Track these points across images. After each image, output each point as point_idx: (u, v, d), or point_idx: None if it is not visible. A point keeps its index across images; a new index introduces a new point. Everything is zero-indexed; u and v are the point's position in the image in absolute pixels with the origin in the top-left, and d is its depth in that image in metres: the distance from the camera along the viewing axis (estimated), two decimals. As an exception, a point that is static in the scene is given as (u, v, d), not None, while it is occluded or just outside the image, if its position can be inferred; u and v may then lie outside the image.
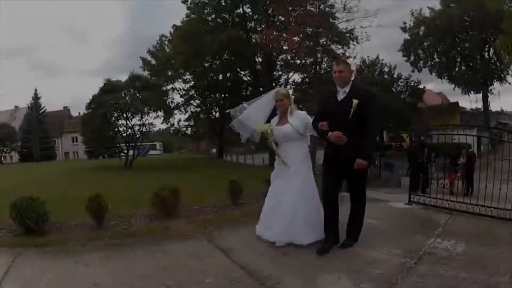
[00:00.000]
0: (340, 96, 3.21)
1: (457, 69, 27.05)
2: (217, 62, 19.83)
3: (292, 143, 3.50)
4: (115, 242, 3.78)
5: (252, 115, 3.70)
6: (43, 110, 45.81)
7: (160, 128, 20.26)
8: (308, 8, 15.36)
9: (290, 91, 3.73)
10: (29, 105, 45.68)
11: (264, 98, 3.76)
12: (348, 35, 16.45)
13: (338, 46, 16.75)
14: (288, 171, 3.42)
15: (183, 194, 4.93)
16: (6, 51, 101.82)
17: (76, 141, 47.98)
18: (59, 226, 4.58)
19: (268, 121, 3.66)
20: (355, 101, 3.03)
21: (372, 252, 3.05)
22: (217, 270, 2.80)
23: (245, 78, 20.46)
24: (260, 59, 19.21)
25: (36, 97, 45.86)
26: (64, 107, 56.27)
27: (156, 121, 16.83)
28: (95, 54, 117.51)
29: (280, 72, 19.02)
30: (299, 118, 3.51)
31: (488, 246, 3.18)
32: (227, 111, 3.96)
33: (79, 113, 50.15)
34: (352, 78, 3.28)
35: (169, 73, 21.74)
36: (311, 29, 15.00)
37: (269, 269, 2.78)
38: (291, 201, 3.32)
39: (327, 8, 15.65)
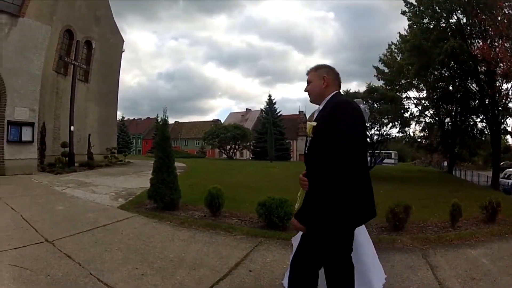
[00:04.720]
0: (312, 118, 2.16)
1: None
2: (446, 73, 18.62)
3: None
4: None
5: None
6: (279, 113, 50.26)
7: (395, 136, 20.66)
8: (506, 11, 13.20)
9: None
10: (264, 109, 50.88)
11: None
12: None
13: None
14: None
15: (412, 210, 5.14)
16: (231, 59, 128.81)
17: (313, 144, 52.79)
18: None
19: None
20: (309, 124, 2.01)
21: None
22: (420, 281, 3.21)
23: (471, 89, 18.46)
24: (482, 69, 17.06)
25: (270, 102, 50.56)
26: (299, 112, 60.47)
27: (392, 130, 17.14)
28: (319, 60, 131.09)
29: (502, 83, 16.52)
30: None
31: None
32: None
33: (315, 118, 56.42)
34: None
35: (402, 82, 21.63)
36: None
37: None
38: None
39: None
